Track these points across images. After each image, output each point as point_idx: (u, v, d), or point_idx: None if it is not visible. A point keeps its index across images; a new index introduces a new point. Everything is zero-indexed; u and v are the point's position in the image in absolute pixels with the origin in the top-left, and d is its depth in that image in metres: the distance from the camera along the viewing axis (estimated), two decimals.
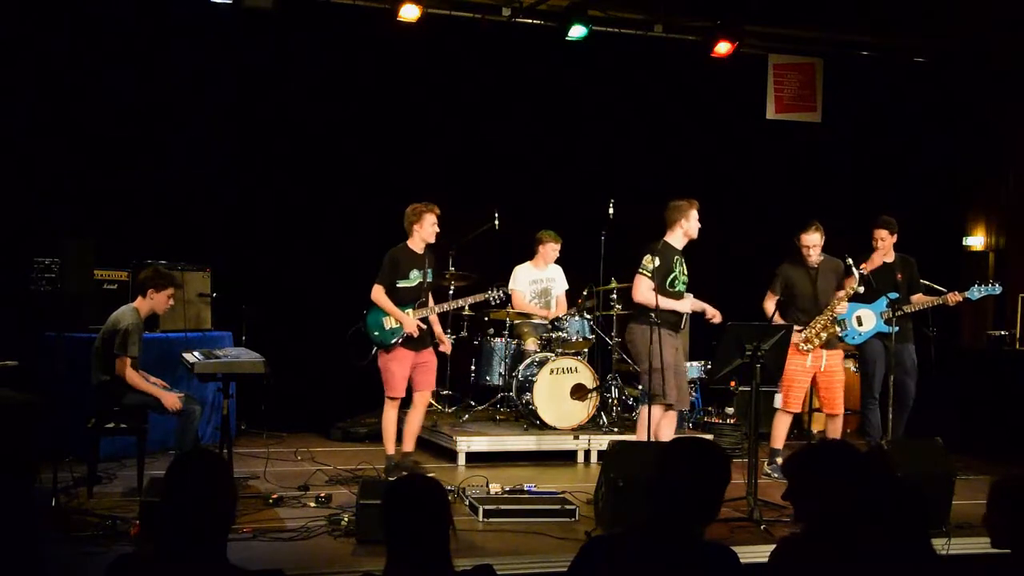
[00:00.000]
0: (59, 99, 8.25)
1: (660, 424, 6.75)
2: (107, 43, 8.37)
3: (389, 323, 7.02)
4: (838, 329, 7.31)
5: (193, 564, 2.73)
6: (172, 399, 6.45)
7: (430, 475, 3.81)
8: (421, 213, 7.01)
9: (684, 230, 6.82)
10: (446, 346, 7.48)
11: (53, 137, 8.21)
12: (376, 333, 7.03)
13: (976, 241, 10.85)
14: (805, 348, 7.21)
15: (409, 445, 7.21)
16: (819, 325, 7.20)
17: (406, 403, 7.26)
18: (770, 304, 7.39)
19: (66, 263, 6.53)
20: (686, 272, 6.88)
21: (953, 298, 7.61)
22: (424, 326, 7.10)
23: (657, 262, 6.69)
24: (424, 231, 7.01)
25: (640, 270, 6.73)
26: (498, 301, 7.68)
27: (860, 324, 7.64)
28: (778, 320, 7.10)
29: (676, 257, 6.81)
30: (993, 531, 3.15)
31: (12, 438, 5.06)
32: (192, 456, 3.03)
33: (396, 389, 7.03)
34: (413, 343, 7.04)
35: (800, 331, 7.18)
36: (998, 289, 7.66)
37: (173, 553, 2.75)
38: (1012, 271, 10.09)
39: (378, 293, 7.00)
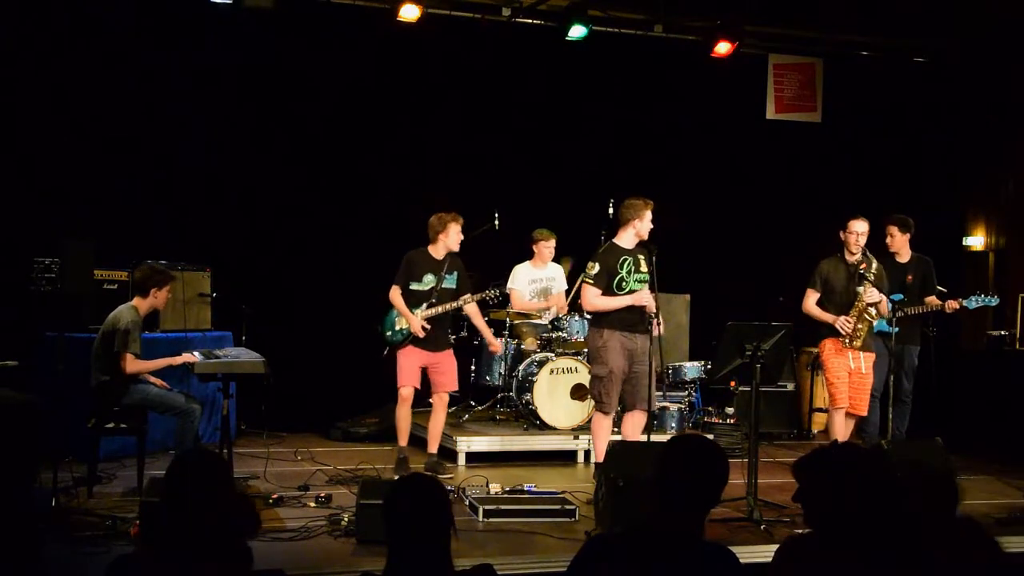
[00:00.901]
0: (59, 99, 8.24)
1: (607, 429, 6.73)
2: (107, 43, 8.37)
3: (399, 323, 7.21)
4: (873, 311, 7.10)
5: (193, 564, 2.73)
6: (182, 358, 6.48)
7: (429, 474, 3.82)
8: (447, 223, 7.18)
9: (636, 230, 6.67)
10: (496, 346, 7.89)
11: (53, 137, 8.21)
12: (388, 333, 7.28)
13: (976, 241, 10.84)
14: (853, 344, 7.05)
15: (432, 447, 7.40)
16: (854, 316, 7.04)
17: (418, 401, 7.36)
18: (811, 302, 7.19)
19: (66, 263, 6.52)
20: (643, 270, 6.65)
21: (951, 305, 7.59)
22: (428, 326, 7.12)
23: (597, 267, 6.63)
24: (449, 239, 7.21)
25: (584, 277, 6.73)
26: (495, 301, 7.69)
27: None
28: (823, 317, 7.08)
29: (624, 258, 6.63)
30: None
31: (12, 438, 5.06)
32: (192, 456, 3.02)
33: (403, 378, 7.17)
34: (423, 343, 7.16)
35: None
36: (995, 301, 7.64)
37: (173, 553, 2.75)
38: (1012, 271, 10.10)
39: (393, 294, 7.20)
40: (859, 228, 7.14)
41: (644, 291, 6.59)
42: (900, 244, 7.77)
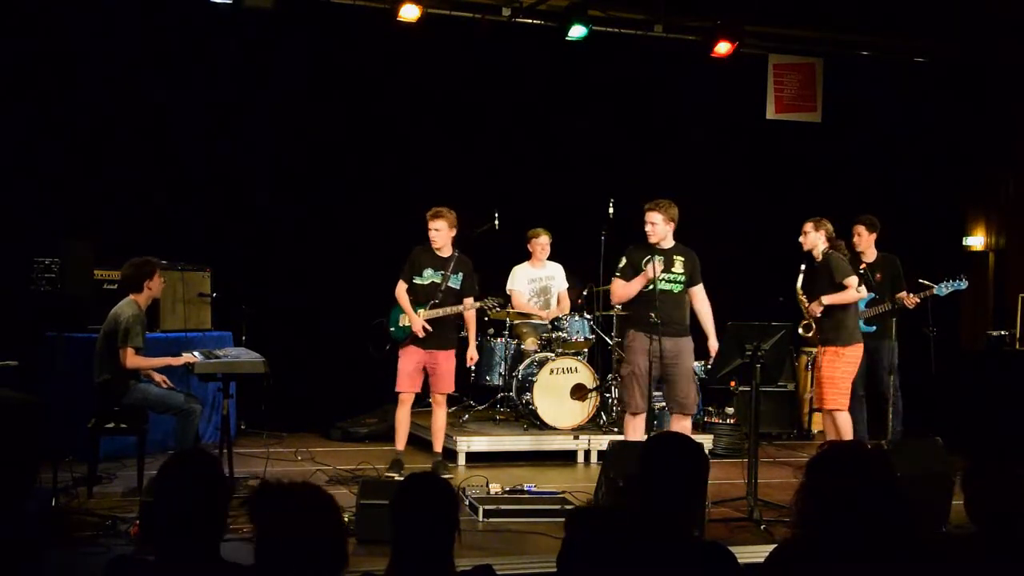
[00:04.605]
0: (59, 99, 8.24)
1: (635, 429, 6.70)
2: (107, 43, 8.36)
3: (403, 320, 7.19)
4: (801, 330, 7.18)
5: (191, 564, 2.73)
6: (183, 359, 6.46)
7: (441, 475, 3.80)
8: (427, 219, 7.17)
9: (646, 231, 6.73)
10: (472, 359, 7.60)
11: (53, 137, 8.21)
12: (392, 329, 7.28)
13: (976, 241, 10.85)
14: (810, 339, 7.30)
15: (436, 446, 7.40)
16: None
17: (418, 402, 7.37)
18: None
19: (66, 263, 6.53)
20: (677, 270, 6.69)
21: (912, 300, 7.68)
22: (430, 328, 7.11)
23: (624, 261, 6.71)
24: (431, 235, 7.14)
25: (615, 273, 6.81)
26: (493, 309, 7.59)
27: None
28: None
29: (647, 257, 6.63)
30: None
31: (12, 438, 5.06)
32: (183, 455, 3.00)
33: (400, 384, 7.17)
34: (423, 342, 7.11)
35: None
36: (963, 284, 7.73)
37: (171, 553, 2.75)
38: (1012, 271, 10.10)
39: (398, 290, 7.22)
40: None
41: (653, 265, 6.53)
42: (867, 243, 7.91)
